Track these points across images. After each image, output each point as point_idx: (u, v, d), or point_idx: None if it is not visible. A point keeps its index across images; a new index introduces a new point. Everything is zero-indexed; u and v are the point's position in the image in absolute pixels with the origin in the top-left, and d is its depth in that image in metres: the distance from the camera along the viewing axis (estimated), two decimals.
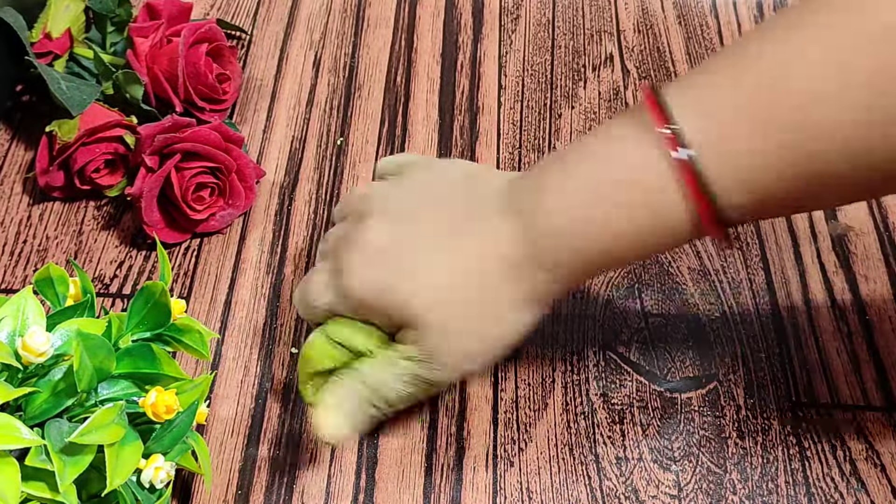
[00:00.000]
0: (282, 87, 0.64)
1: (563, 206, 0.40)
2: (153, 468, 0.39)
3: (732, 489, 0.46)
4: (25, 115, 0.62)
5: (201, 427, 0.48)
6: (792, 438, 0.48)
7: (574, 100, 0.64)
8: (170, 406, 0.38)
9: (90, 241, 0.56)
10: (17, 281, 0.54)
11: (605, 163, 0.40)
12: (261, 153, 0.60)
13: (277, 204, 0.58)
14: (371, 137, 0.61)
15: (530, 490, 0.46)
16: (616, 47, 0.67)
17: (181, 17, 0.59)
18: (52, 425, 0.37)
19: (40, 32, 0.58)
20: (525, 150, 0.61)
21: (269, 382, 0.50)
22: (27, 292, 0.39)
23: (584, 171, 0.40)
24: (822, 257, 0.56)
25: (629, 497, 0.46)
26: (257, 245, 0.56)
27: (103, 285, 0.54)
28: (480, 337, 0.42)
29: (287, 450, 0.48)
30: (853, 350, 0.52)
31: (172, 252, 0.55)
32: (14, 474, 0.35)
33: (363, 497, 0.46)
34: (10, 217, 0.57)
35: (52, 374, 0.38)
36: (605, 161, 0.40)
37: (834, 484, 0.47)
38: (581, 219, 0.40)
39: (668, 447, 0.48)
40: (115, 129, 0.55)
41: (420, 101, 0.63)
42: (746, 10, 0.70)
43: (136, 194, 0.53)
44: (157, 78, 0.57)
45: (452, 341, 0.42)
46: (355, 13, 0.69)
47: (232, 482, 0.46)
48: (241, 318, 0.52)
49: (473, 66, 0.66)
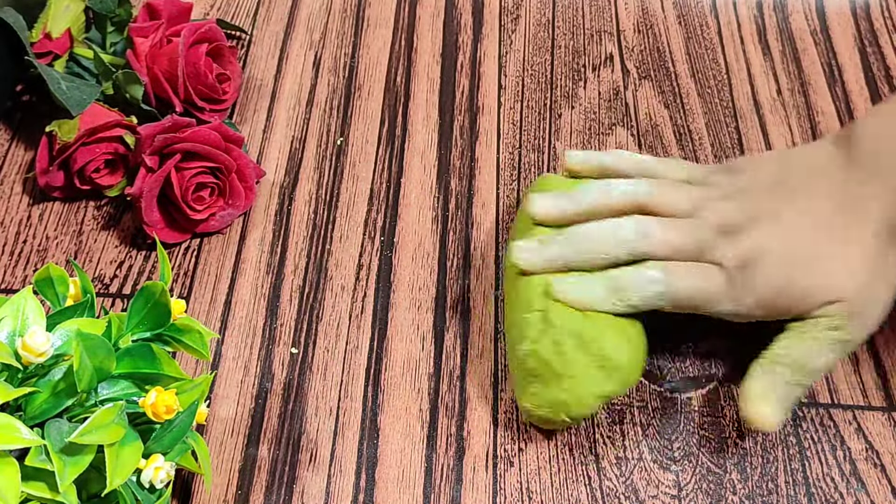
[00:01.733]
0: (282, 87, 0.64)
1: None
2: (153, 468, 0.39)
3: (732, 489, 0.46)
4: (25, 115, 0.62)
5: (201, 427, 0.48)
6: (792, 438, 0.48)
7: (574, 100, 0.64)
8: (170, 406, 0.38)
9: (90, 241, 0.56)
10: (17, 281, 0.54)
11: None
12: (261, 153, 0.60)
13: (277, 204, 0.58)
14: (371, 137, 0.61)
15: (530, 490, 0.46)
16: (616, 47, 0.67)
17: (181, 17, 0.59)
18: (52, 425, 0.37)
19: (40, 32, 0.58)
20: (525, 150, 0.61)
21: (269, 382, 0.50)
22: (27, 292, 0.39)
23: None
24: None
25: (629, 497, 0.46)
26: (257, 245, 0.56)
27: (103, 285, 0.54)
28: (884, 303, 0.47)
29: (287, 450, 0.48)
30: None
31: (172, 252, 0.55)
32: (14, 474, 0.35)
33: (363, 497, 0.46)
34: (10, 217, 0.57)
35: (52, 374, 0.38)
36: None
37: (834, 484, 0.47)
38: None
39: (667, 447, 0.48)
40: (115, 129, 0.55)
41: (420, 101, 0.63)
42: (746, 10, 0.70)
43: (136, 194, 0.53)
44: (157, 78, 0.57)
45: (868, 308, 0.46)
46: (355, 13, 0.69)
47: (232, 482, 0.46)
48: (241, 318, 0.52)
49: (473, 66, 0.66)
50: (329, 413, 0.49)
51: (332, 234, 0.56)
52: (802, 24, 0.69)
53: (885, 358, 0.52)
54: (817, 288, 0.46)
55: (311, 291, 0.54)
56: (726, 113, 0.63)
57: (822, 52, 0.67)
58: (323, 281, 0.54)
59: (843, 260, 0.46)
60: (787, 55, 0.67)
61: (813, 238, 0.46)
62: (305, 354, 0.51)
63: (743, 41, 0.68)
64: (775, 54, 0.67)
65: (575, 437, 0.48)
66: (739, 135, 0.62)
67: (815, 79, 0.65)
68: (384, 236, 0.56)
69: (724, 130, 0.62)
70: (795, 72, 0.66)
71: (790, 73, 0.66)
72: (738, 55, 0.67)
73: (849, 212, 0.47)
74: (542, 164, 0.60)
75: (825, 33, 0.69)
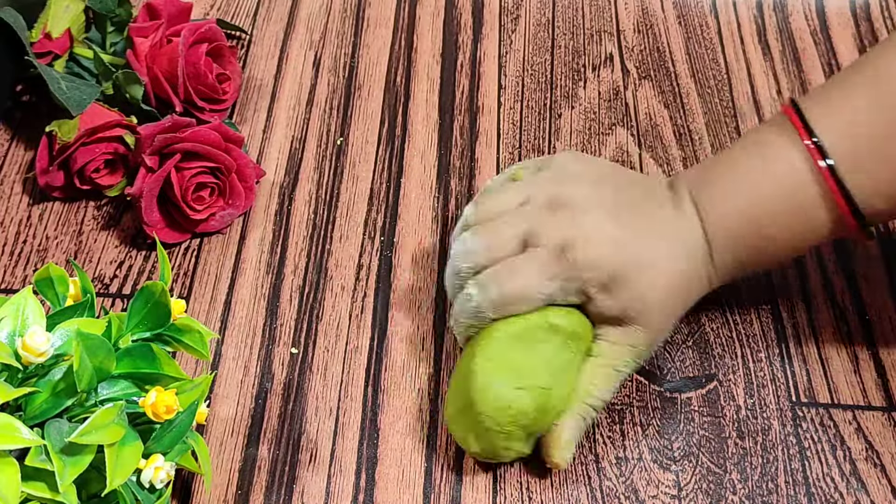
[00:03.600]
0: (282, 87, 0.64)
1: (730, 207, 0.46)
2: (153, 468, 0.39)
3: (732, 489, 0.46)
4: (25, 115, 0.62)
5: (201, 427, 0.48)
6: (792, 438, 0.48)
7: (574, 100, 0.64)
8: (170, 406, 0.38)
9: (90, 241, 0.56)
10: (17, 281, 0.54)
11: (761, 171, 0.46)
12: (261, 153, 0.60)
13: (277, 204, 0.58)
14: (371, 137, 0.61)
15: (530, 490, 0.46)
16: (616, 47, 0.67)
17: (181, 17, 0.59)
18: (52, 425, 0.37)
19: (40, 32, 0.58)
20: (525, 150, 0.61)
21: (269, 382, 0.50)
22: (27, 292, 0.39)
23: (744, 178, 0.46)
24: (823, 257, 0.56)
25: (629, 497, 0.46)
26: (257, 245, 0.56)
27: (103, 285, 0.54)
28: (673, 323, 0.48)
29: (287, 450, 0.48)
30: (853, 350, 0.52)
31: (172, 252, 0.55)
32: (14, 474, 0.35)
33: (363, 497, 0.46)
34: (10, 217, 0.57)
35: (52, 374, 0.38)
36: (761, 170, 0.46)
37: (834, 484, 0.47)
38: (746, 220, 0.46)
39: (667, 447, 0.48)
40: (115, 129, 0.55)
41: (420, 101, 0.63)
42: (746, 10, 0.70)
43: (136, 194, 0.53)
44: (157, 78, 0.57)
45: (668, 317, 0.47)
46: (355, 13, 0.69)
47: (232, 482, 0.46)
48: (240, 318, 0.52)
49: (473, 66, 0.66)
50: (329, 413, 0.49)
51: (332, 234, 0.56)
52: (802, 24, 0.69)
53: (885, 358, 0.52)
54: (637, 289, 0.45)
55: (311, 291, 0.54)
56: (726, 113, 0.63)
57: (822, 52, 0.67)
58: (323, 281, 0.54)
59: (654, 275, 0.46)
60: (787, 55, 0.67)
61: (634, 229, 0.46)
62: (305, 354, 0.51)
63: (743, 41, 0.68)
64: (775, 54, 0.67)
65: None
66: (739, 134, 0.62)
67: (815, 79, 0.65)
68: (384, 236, 0.56)
69: (724, 130, 0.62)
70: (795, 72, 0.66)
71: (790, 73, 0.66)
72: (738, 55, 0.67)
73: (670, 222, 0.47)
74: None
75: (825, 33, 0.69)
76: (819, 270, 0.55)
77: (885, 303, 0.54)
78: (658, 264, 0.46)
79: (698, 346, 0.52)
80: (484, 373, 0.44)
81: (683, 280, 0.46)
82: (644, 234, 0.46)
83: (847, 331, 0.53)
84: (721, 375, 0.51)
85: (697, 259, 0.46)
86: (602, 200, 0.47)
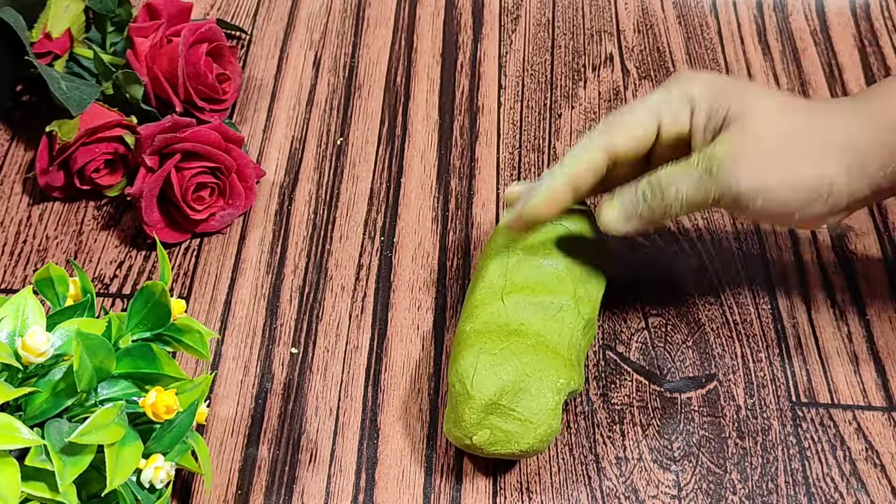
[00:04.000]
0: (282, 87, 0.64)
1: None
2: (153, 468, 0.39)
3: (732, 489, 0.46)
4: (25, 115, 0.62)
5: (201, 427, 0.48)
6: (792, 438, 0.48)
7: (574, 100, 0.64)
8: (170, 406, 0.38)
9: (90, 241, 0.56)
10: (17, 281, 0.54)
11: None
12: (261, 153, 0.60)
13: (277, 204, 0.58)
14: (371, 137, 0.61)
15: (530, 490, 0.46)
16: (616, 47, 0.67)
17: (181, 17, 0.59)
18: (52, 425, 0.37)
19: (40, 32, 0.58)
20: (525, 150, 0.61)
21: (269, 382, 0.50)
22: (27, 292, 0.39)
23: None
24: (822, 257, 0.56)
25: (629, 497, 0.46)
26: (257, 245, 0.56)
27: (103, 285, 0.54)
28: (793, 184, 0.43)
29: (287, 450, 0.48)
30: (853, 350, 0.52)
31: (172, 252, 0.55)
32: (14, 474, 0.35)
33: (363, 497, 0.46)
34: (10, 217, 0.57)
35: (52, 374, 0.38)
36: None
37: (834, 484, 0.47)
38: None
39: (667, 447, 0.48)
40: (115, 129, 0.55)
41: (420, 101, 0.63)
42: (746, 10, 0.70)
43: (136, 194, 0.53)
44: (157, 78, 0.57)
45: (772, 170, 0.43)
46: (355, 13, 0.69)
47: (232, 482, 0.46)
48: (240, 318, 0.52)
49: (473, 66, 0.66)
50: (329, 413, 0.49)
51: (332, 234, 0.56)
52: (802, 24, 0.69)
53: (885, 358, 0.52)
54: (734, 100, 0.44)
55: (311, 291, 0.54)
56: None
57: (822, 52, 0.67)
58: (323, 281, 0.54)
59: (778, 101, 0.45)
60: (787, 55, 0.67)
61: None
62: (305, 354, 0.51)
63: (743, 41, 0.68)
64: (775, 54, 0.67)
65: (575, 437, 0.48)
66: None
67: (815, 79, 0.65)
68: (384, 236, 0.56)
69: None
70: (795, 72, 0.66)
71: (790, 73, 0.66)
72: (738, 55, 0.67)
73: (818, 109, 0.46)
74: (542, 164, 0.60)
75: (825, 33, 0.69)
76: (819, 270, 0.55)
77: (885, 303, 0.54)
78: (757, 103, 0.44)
79: (698, 346, 0.52)
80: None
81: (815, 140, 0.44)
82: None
83: (847, 331, 0.53)
84: (721, 375, 0.51)
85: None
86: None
